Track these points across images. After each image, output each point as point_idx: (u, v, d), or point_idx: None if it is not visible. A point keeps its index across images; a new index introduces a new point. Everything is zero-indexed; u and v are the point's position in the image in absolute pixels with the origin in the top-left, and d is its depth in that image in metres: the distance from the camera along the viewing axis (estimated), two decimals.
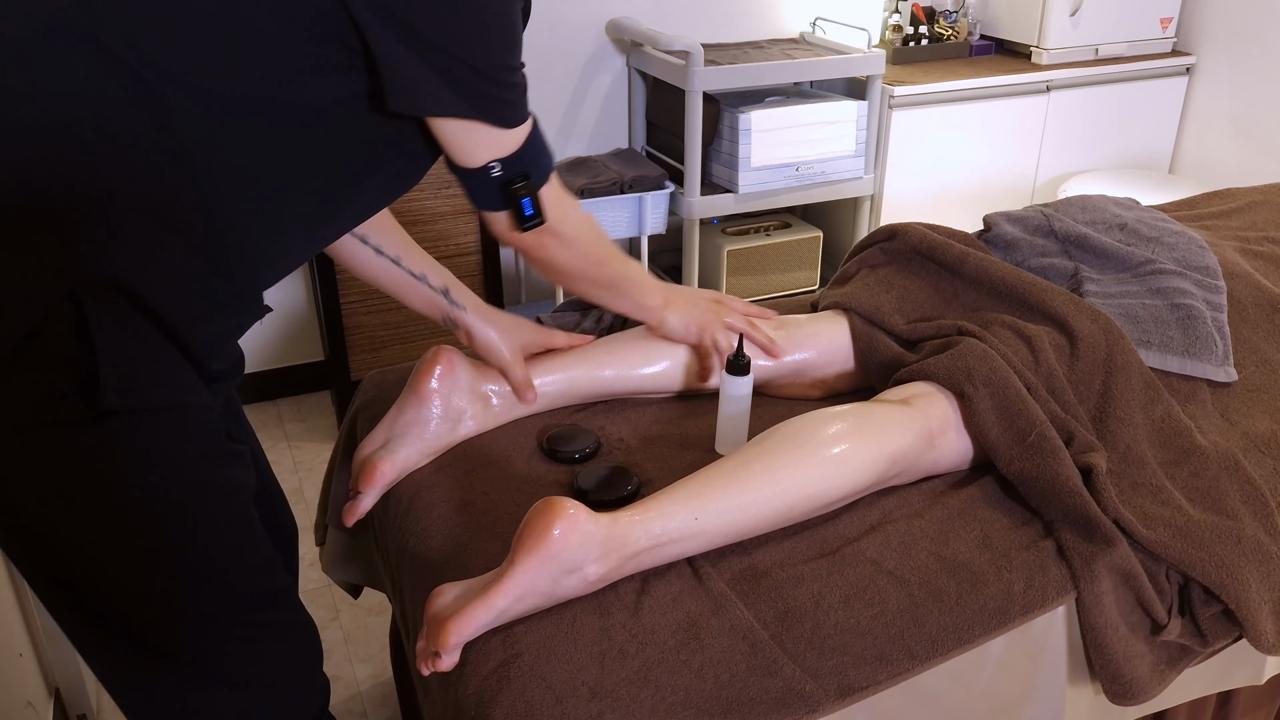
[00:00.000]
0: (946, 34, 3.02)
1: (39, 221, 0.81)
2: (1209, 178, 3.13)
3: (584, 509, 0.98)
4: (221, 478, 0.93)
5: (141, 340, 0.85)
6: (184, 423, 0.89)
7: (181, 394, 0.89)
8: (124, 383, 0.84)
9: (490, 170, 0.99)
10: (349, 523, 1.23)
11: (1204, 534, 1.14)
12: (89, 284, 0.82)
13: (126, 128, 0.82)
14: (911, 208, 2.86)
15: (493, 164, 0.99)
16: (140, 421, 0.86)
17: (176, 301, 0.87)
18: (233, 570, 0.95)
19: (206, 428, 0.92)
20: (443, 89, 0.90)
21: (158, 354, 0.87)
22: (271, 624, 0.99)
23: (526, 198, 1.03)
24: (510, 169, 1.00)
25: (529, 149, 1.01)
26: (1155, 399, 1.28)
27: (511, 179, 1.01)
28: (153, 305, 0.85)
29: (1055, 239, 1.55)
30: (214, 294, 0.91)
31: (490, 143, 0.97)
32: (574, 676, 0.95)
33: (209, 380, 0.94)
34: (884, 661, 1.00)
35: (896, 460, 1.16)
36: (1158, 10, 3.00)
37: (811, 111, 2.58)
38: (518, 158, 1.00)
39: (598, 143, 2.83)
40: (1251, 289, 1.52)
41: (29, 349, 0.81)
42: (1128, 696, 1.12)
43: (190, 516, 0.90)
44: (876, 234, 1.55)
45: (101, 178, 0.81)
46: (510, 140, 0.98)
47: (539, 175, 1.03)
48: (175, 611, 0.91)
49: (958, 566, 1.09)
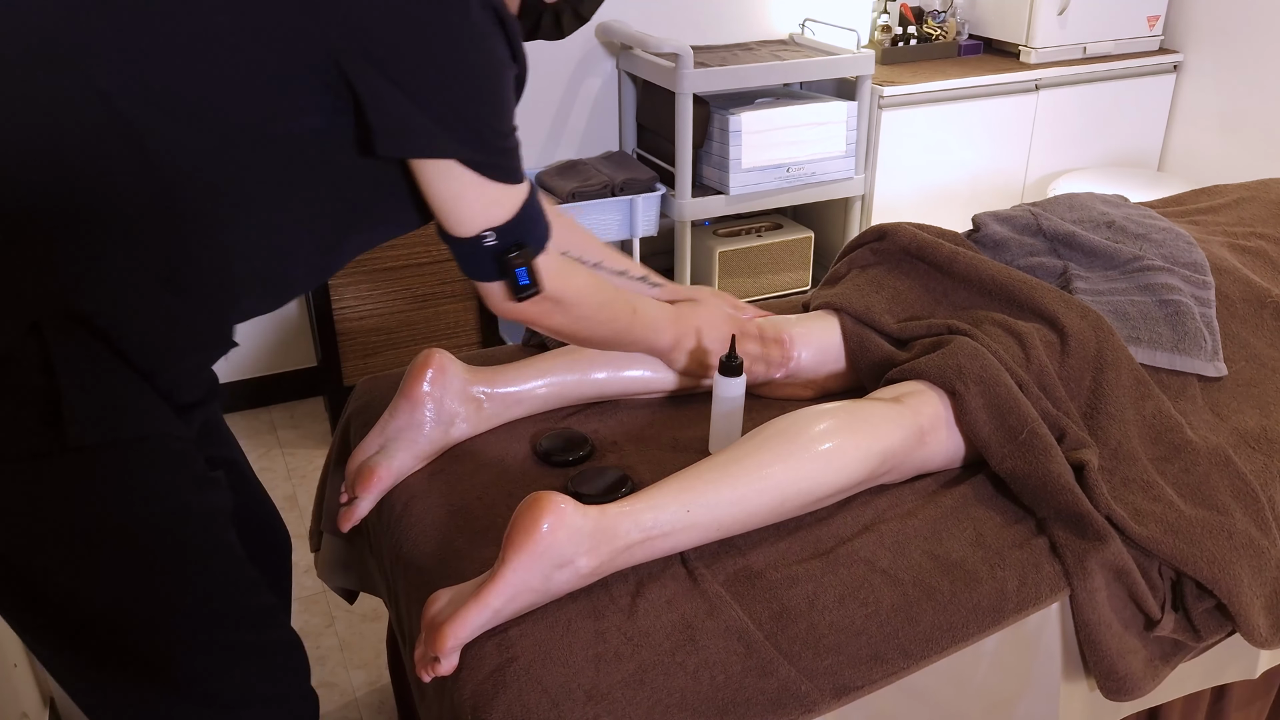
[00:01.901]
0: (935, 34, 3.03)
1: (2, 252, 0.79)
2: (1197, 174, 3.14)
3: (572, 502, 0.99)
4: (195, 505, 0.92)
5: (108, 374, 0.84)
6: (154, 453, 0.88)
7: (150, 425, 0.88)
8: (89, 416, 0.83)
9: (484, 240, 0.95)
10: (345, 528, 1.23)
11: (1195, 529, 1.15)
12: (54, 318, 0.81)
13: (99, 157, 0.80)
14: (902, 208, 2.87)
15: (486, 233, 0.94)
16: (108, 454, 0.85)
17: (142, 337, 0.86)
18: (214, 596, 0.94)
19: (178, 457, 0.91)
20: (434, 129, 0.87)
21: (124, 387, 0.86)
22: (257, 644, 0.99)
23: (522, 268, 0.98)
24: (505, 237, 0.95)
25: (525, 216, 0.96)
26: (1146, 395, 1.29)
27: (506, 248, 0.96)
28: (118, 340, 0.84)
29: (1044, 238, 1.56)
30: (182, 330, 0.90)
31: (484, 205, 0.93)
32: (570, 679, 0.95)
33: (180, 410, 0.93)
34: (879, 661, 1.01)
35: (887, 457, 1.16)
36: (1144, 8, 3.02)
37: (801, 112, 2.59)
38: (513, 226, 0.96)
39: (588, 146, 2.83)
40: (1239, 284, 1.52)
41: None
42: (1122, 692, 1.12)
43: (165, 546, 0.89)
44: (866, 234, 1.56)
45: (70, 208, 0.80)
46: (505, 205, 0.94)
47: (535, 244, 0.99)
48: (157, 640, 0.91)
49: (951, 565, 1.09)
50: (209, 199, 0.84)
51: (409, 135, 0.86)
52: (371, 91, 0.84)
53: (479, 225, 0.94)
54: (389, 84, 0.84)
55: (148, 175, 0.81)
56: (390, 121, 0.85)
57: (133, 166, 0.80)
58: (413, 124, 0.86)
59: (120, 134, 0.79)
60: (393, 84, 0.84)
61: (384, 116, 0.85)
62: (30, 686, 1.56)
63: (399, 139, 0.87)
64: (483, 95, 0.89)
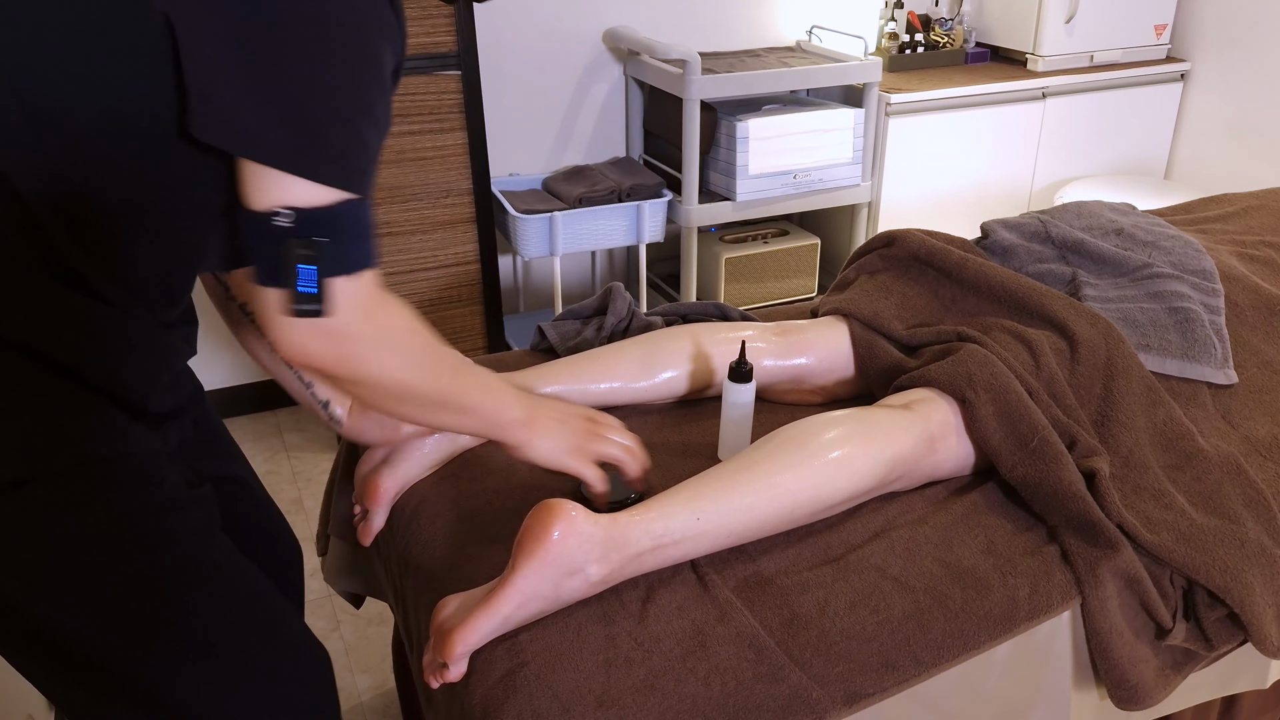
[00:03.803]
0: (942, 41, 3.03)
1: None
2: (1204, 183, 3.14)
3: (583, 510, 0.98)
4: (168, 527, 0.87)
5: (48, 395, 0.78)
6: (110, 477, 0.83)
7: (98, 445, 0.81)
8: (22, 446, 0.77)
9: (274, 218, 0.75)
10: (366, 542, 1.23)
11: (1207, 538, 1.14)
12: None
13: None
14: (908, 214, 2.87)
15: (282, 210, 0.75)
16: (60, 484, 0.79)
17: (68, 343, 0.79)
18: (202, 619, 0.89)
19: (139, 477, 0.85)
20: (244, 113, 0.73)
21: (67, 408, 0.80)
22: (270, 656, 0.95)
23: (309, 267, 0.76)
24: (304, 225, 0.75)
25: (340, 218, 0.77)
26: (1156, 402, 1.29)
27: (298, 234, 0.75)
28: (46, 351, 0.78)
29: (1052, 245, 1.55)
30: (118, 334, 0.82)
31: (283, 185, 0.75)
32: (580, 685, 0.94)
33: (156, 420, 0.88)
34: (890, 668, 1.00)
35: (897, 464, 1.16)
36: (1152, 17, 3.02)
37: (808, 119, 2.59)
38: (320, 215, 0.76)
39: (595, 151, 2.83)
40: (1249, 292, 1.52)
41: None
42: (1133, 701, 1.12)
43: (139, 575, 0.85)
44: (875, 240, 1.56)
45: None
46: (308, 190, 0.76)
47: (339, 256, 0.77)
48: (151, 672, 0.87)
49: (962, 573, 1.09)
50: (73, 188, 0.76)
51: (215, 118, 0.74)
52: (193, 47, 0.72)
53: (275, 199, 0.75)
54: (217, 41, 0.72)
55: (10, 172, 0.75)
56: (205, 94, 0.73)
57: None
58: (228, 100, 0.73)
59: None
60: (221, 44, 0.72)
61: (201, 86, 0.73)
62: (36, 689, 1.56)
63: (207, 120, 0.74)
64: (337, 69, 0.75)
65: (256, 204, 0.75)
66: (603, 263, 2.98)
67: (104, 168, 0.77)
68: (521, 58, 2.64)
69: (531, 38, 2.64)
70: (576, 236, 2.50)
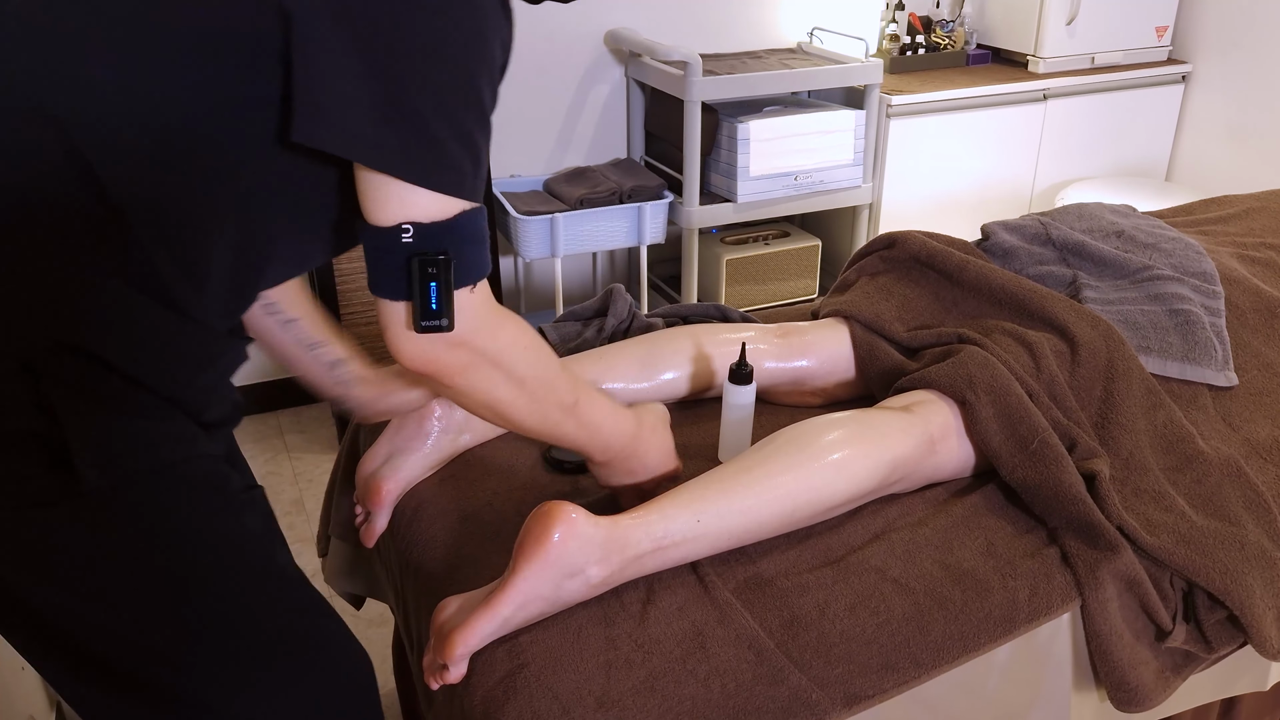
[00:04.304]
0: (943, 43, 3.03)
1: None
2: (1205, 185, 3.14)
3: (584, 513, 0.98)
4: (232, 531, 0.85)
5: (115, 403, 0.77)
6: (179, 482, 0.81)
7: (171, 451, 0.80)
8: (101, 457, 0.75)
9: (401, 234, 0.76)
10: (368, 544, 1.23)
11: (1207, 540, 1.14)
12: (46, 354, 0.73)
13: (44, 173, 0.72)
14: (909, 216, 2.87)
15: (406, 225, 0.76)
16: (128, 492, 0.78)
17: (142, 354, 0.78)
18: (264, 626, 0.87)
19: (206, 480, 0.84)
20: (359, 122, 0.72)
21: (138, 413, 0.78)
22: (324, 669, 0.92)
23: (435, 284, 0.77)
24: (427, 240, 0.76)
25: (460, 228, 0.78)
26: (1157, 405, 1.29)
27: (425, 253, 0.76)
28: (119, 363, 0.76)
29: (1053, 247, 1.56)
30: (189, 343, 0.81)
31: (413, 196, 0.76)
32: (581, 686, 0.94)
33: (210, 428, 0.87)
34: (890, 670, 1.00)
35: (897, 466, 1.16)
36: (1153, 19, 3.02)
37: (809, 121, 2.59)
38: (441, 230, 0.77)
39: (596, 153, 2.84)
40: (1249, 294, 1.52)
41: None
42: (1133, 703, 1.12)
43: (203, 580, 0.83)
44: (876, 242, 1.56)
45: (25, 231, 0.72)
46: (430, 203, 0.76)
47: (462, 270, 0.79)
48: (208, 682, 0.84)
49: (962, 574, 1.09)
50: (152, 198, 0.74)
51: (327, 124, 0.72)
52: (307, 55, 0.70)
53: (399, 213, 0.76)
54: (331, 46, 0.70)
55: (93, 182, 0.72)
56: (313, 101, 0.72)
57: (77, 176, 0.72)
58: (337, 108, 0.72)
59: (56, 140, 0.71)
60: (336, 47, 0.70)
61: (308, 93, 0.71)
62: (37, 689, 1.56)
63: (315, 127, 0.72)
64: (446, 73, 0.74)
65: (380, 218, 0.76)
66: (604, 264, 2.98)
67: (200, 172, 0.75)
68: (523, 59, 2.65)
69: (533, 39, 2.64)
70: (577, 238, 2.50)
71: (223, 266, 0.80)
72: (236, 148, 0.75)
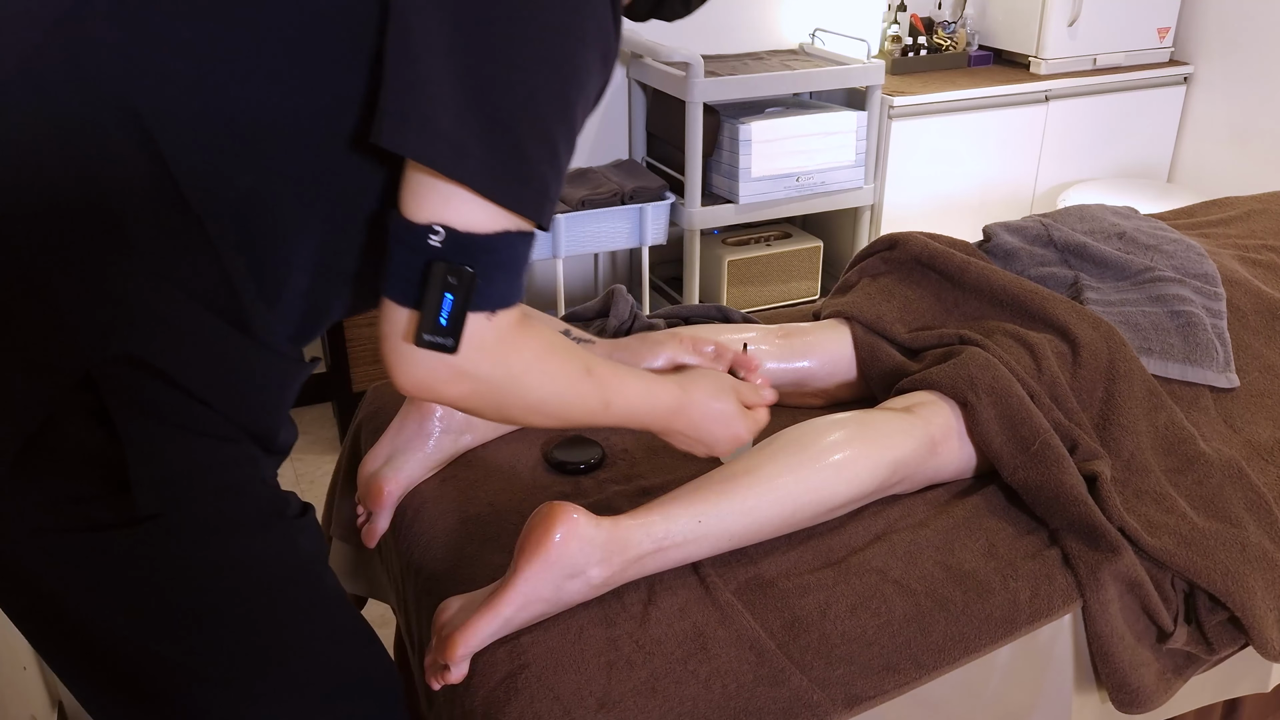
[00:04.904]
0: (945, 44, 3.03)
1: (32, 298, 0.68)
2: (1207, 186, 3.14)
3: (585, 513, 0.98)
4: (291, 555, 0.83)
5: (177, 419, 0.72)
6: (244, 504, 0.78)
7: (237, 471, 0.77)
8: (160, 477, 0.72)
9: (429, 234, 0.70)
10: (370, 545, 1.23)
11: (1209, 541, 1.14)
12: (104, 366, 0.69)
13: (120, 177, 0.68)
14: (911, 218, 2.87)
15: (437, 227, 0.70)
16: (190, 513, 0.74)
17: (210, 373, 0.73)
18: (319, 650, 0.85)
19: (271, 503, 0.81)
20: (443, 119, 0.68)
21: (203, 431, 0.74)
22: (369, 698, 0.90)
23: (450, 296, 0.71)
24: (457, 249, 0.70)
25: (497, 249, 0.72)
26: (1158, 406, 1.29)
27: (449, 259, 0.70)
28: (184, 380, 0.72)
29: (1055, 248, 1.56)
30: (263, 369, 0.77)
31: (448, 197, 0.70)
32: (582, 687, 0.94)
33: (269, 451, 0.83)
34: (891, 671, 1.00)
35: (898, 467, 1.16)
36: (1155, 20, 3.02)
37: (811, 122, 2.59)
38: (475, 244, 0.71)
39: (598, 154, 2.84)
40: (1251, 296, 1.52)
41: (38, 446, 0.69)
42: (1134, 705, 1.12)
43: (263, 606, 0.80)
44: (877, 243, 1.56)
45: (96, 235, 0.68)
46: (475, 210, 0.70)
47: (485, 291, 0.72)
48: (264, 703, 0.82)
49: (963, 576, 1.09)
50: (233, 208, 0.71)
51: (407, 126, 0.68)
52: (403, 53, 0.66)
53: (437, 214, 0.70)
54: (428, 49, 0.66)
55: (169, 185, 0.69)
56: (401, 105, 0.67)
57: (155, 181, 0.69)
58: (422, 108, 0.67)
59: (137, 142, 0.68)
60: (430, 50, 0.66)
61: (398, 98, 0.67)
62: (39, 689, 1.57)
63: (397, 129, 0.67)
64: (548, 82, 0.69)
65: (414, 211, 0.70)
66: (605, 265, 2.98)
67: (279, 173, 0.71)
68: None
69: None
70: (579, 239, 2.50)
71: (299, 282, 0.76)
72: (318, 148, 0.71)
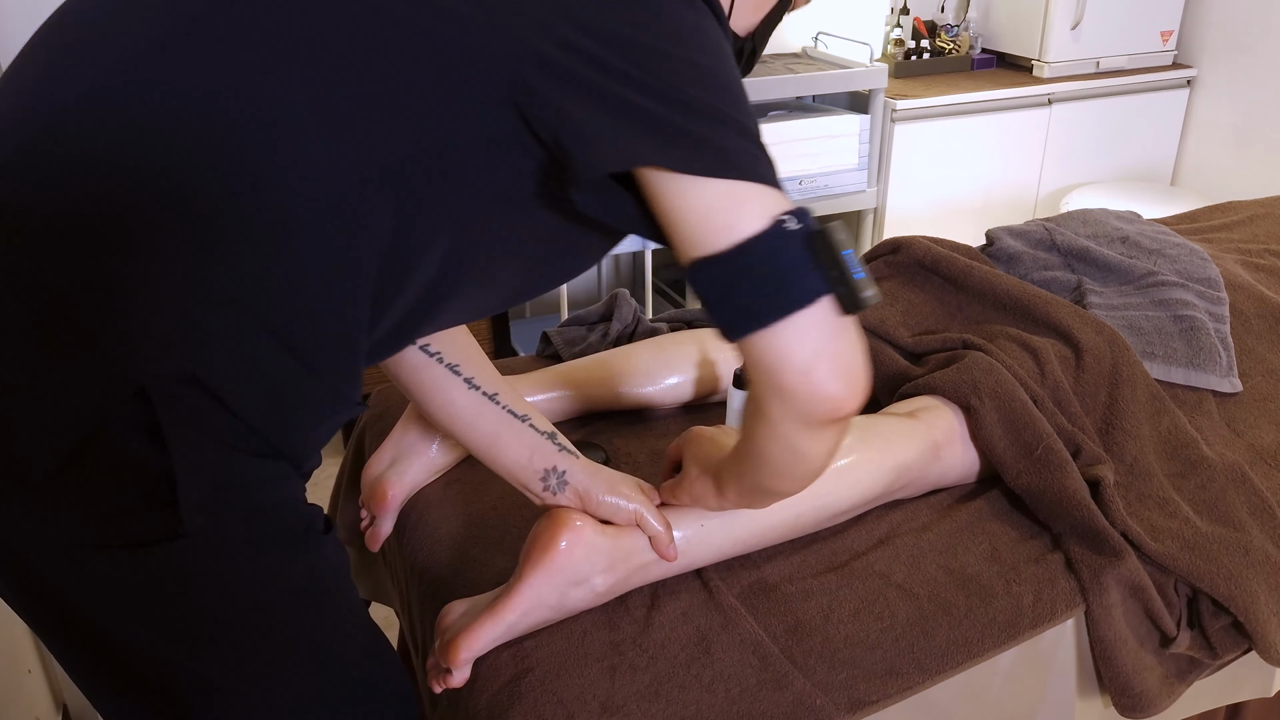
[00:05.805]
0: (948, 48, 3.03)
1: (95, 308, 0.66)
2: (1210, 190, 3.14)
3: (590, 521, 0.99)
4: (321, 573, 0.83)
5: (221, 437, 0.72)
6: (278, 524, 0.78)
7: (273, 491, 0.77)
8: (206, 495, 0.71)
9: (779, 225, 0.66)
10: (374, 548, 1.23)
11: (1212, 546, 1.14)
12: (160, 381, 0.68)
13: (198, 196, 0.66)
14: (914, 221, 2.87)
15: (783, 217, 0.66)
16: (228, 532, 0.74)
17: (261, 398, 0.73)
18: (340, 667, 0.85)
19: (304, 522, 0.81)
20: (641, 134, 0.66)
21: (242, 450, 0.74)
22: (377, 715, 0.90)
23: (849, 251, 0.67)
24: (805, 219, 0.67)
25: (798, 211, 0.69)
26: (1161, 410, 1.29)
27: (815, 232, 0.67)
28: (235, 405, 0.71)
29: (1057, 252, 1.56)
30: (301, 390, 0.76)
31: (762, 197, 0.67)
32: (585, 691, 0.95)
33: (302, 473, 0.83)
34: (894, 675, 1.00)
35: (902, 472, 1.16)
36: (1158, 23, 3.02)
37: (814, 126, 2.59)
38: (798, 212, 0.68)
39: None
40: (1254, 300, 1.52)
41: (82, 458, 0.68)
42: (1137, 709, 1.12)
43: (293, 624, 0.81)
44: (880, 247, 1.56)
45: (166, 252, 0.67)
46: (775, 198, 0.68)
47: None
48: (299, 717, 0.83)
49: (966, 580, 1.09)
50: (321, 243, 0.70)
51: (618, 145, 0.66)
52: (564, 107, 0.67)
53: (765, 213, 0.66)
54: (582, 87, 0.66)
55: (254, 216, 0.68)
56: (587, 138, 0.66)
57: (237, 207, 0.68)
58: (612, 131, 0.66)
59: (224, 166, 0.67)
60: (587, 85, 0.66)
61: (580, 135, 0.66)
62: (44, 692, 1.57)
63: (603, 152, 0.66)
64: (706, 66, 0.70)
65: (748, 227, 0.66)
66: (608, 269, 2.98)
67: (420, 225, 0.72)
68: None
69: None
70: None
71: (394, 315, 0.76)
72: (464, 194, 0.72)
